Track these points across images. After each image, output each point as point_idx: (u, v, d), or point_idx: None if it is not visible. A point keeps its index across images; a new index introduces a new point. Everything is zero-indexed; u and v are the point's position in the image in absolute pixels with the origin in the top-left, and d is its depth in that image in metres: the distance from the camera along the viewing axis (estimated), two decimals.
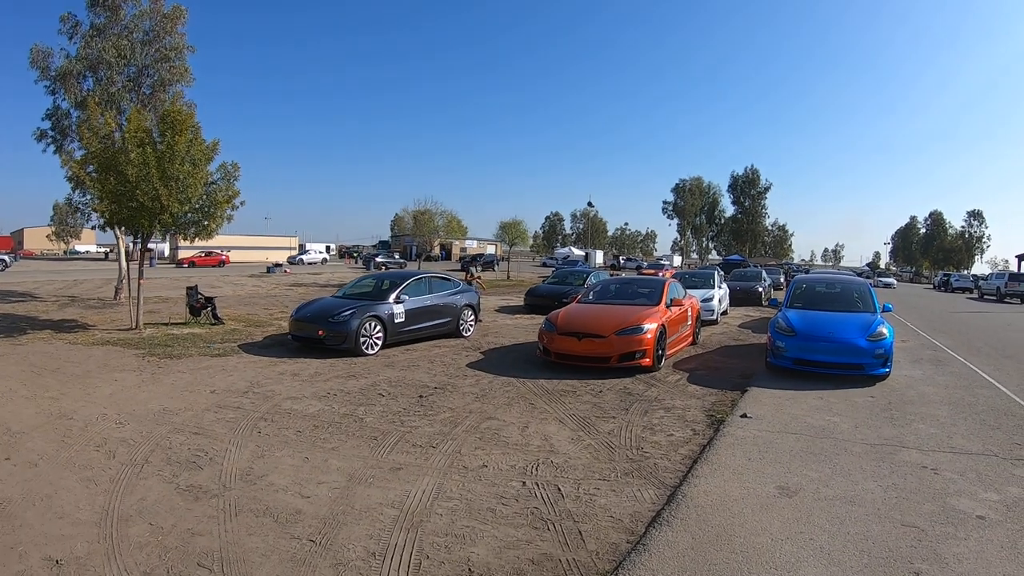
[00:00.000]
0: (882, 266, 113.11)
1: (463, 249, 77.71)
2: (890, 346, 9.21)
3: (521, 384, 8.97)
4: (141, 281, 13.75)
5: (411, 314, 11.86)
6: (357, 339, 10.58)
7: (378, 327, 11.05)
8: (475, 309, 14.33)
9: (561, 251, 78.33)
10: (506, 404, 7.74)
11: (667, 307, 11.33)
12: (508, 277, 40.75)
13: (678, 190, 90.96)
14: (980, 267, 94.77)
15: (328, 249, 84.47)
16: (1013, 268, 56.64)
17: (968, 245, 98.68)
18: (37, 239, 72.64)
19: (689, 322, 12.60)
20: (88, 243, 75.15)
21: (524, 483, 5.12)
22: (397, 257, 58.52)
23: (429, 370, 9.84)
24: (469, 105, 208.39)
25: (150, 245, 58.19)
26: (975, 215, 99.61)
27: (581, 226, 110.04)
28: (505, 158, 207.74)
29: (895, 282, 58.99)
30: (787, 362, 9.58)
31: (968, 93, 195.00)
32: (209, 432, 6.37)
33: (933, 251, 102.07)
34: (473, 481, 5.16)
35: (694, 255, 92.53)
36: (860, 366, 9.11)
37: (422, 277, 13.30)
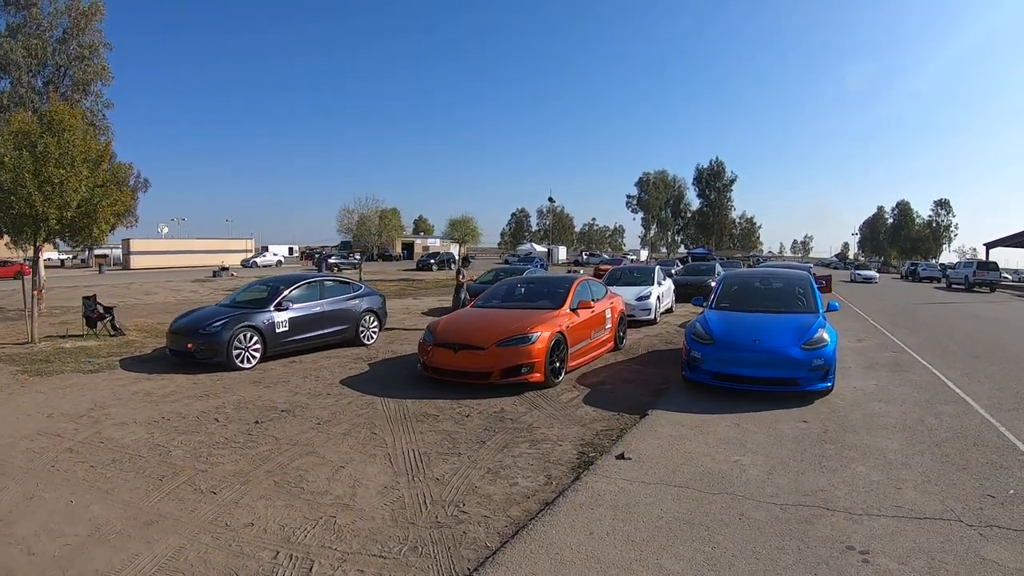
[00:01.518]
0: (851, 256, 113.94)
1: (425, 248, 75.56)
2: (832, 355, 7.40)
3: (383, 405, 7.55)
4: (36, 292, 12.75)
5: (297, 323, 10.62)
6: (229, 351, 9.48)
7: (255, 338, 9.89)
8: (379, 315, 12.74)
9: (523, 247, 76.64)
10: (343, 434, 6.44)
11: (572, 311, 9.45)
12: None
13: (642, 184, 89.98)
14: (948, 256, 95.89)
15: (291, 251, 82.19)
16: (981, 256, 56.18)
17: (936, 234, 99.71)
18: None
19: (608, 326, 10.73)
20: (49, 250, 70.79)
21: (277, 554, 3.98)
22: (358, 257, 56.59)
23: (294, 388, 8.52)
24: (431, 99, 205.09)
25: (104, 251, 54.63)
26: (942, 204, 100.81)
27: (547, 222, 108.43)
28: (464, 153, 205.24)
29: (878, 276, 48.61)
30: (704, 376, 7.72)
31: (938, 83, 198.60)
32: (5, 465, 5.63)
33: (901, 241, 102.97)
34: (220, 546, 4.08)
35: (664, 250, 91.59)
36: (794, 381, 7.28)
37: (312, 282, 11.73)
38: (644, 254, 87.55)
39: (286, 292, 10.84)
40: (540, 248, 75.95)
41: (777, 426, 6.37)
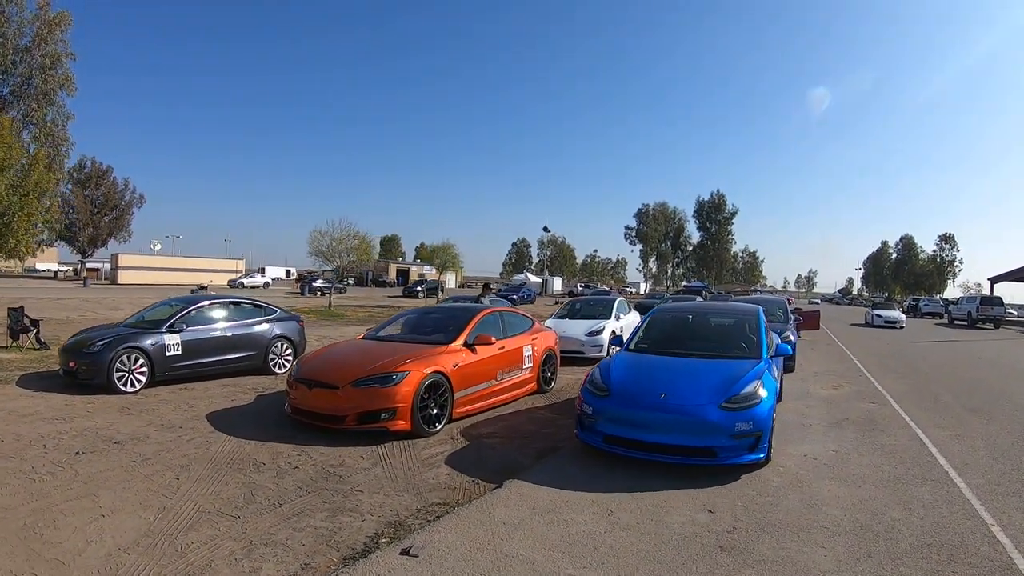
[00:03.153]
0: (855, 292, 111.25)
1: (420, 275, 74.11)
2: (766, 417, 5.46)
3: (220, 446, 6.26)
4: None
5: (192, 347, 9.50)
6: (110, 373, 8.52)
7: (140, 360, 8.87)
8: (293, 342, 11.23)
9: (518, 277, 74.78)
10: (147, 476, 5.41)
11: (468, 346, 7.58)
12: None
13: (640, 215, 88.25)
14: (952, 291, 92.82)
15: (288, 274, 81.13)
16: (986, 291, 53.41)
17: (940, 269, 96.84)
18: None
19: (527, 365, 8.83)
20: (50, 261, 70.89)
21: None
22: (342, 284, 55.22)
23: (154, 417, 7.40)
24: (436, 124, 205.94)
25: (96, 265, 53.37)
26: (946, 239, 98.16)
27: (546, 253, 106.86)
28: (466, 180, 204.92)
29: (903, 318, 33.16)
30: (595, 439, 5.78)
31: (941, 119, 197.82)
32: None
33: (904, 275, 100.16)
34: None
35: (667, 283, 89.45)
36: (709, 451, 5.33)
37: (216, 303, 10.41)
38: (644, 287, 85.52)
39: (182, 313, 9.65)
40: (535, 278, 74.21)
41: (666, 517, 4.45)
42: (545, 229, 61.02)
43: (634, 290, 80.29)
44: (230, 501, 4.80)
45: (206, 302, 10.34)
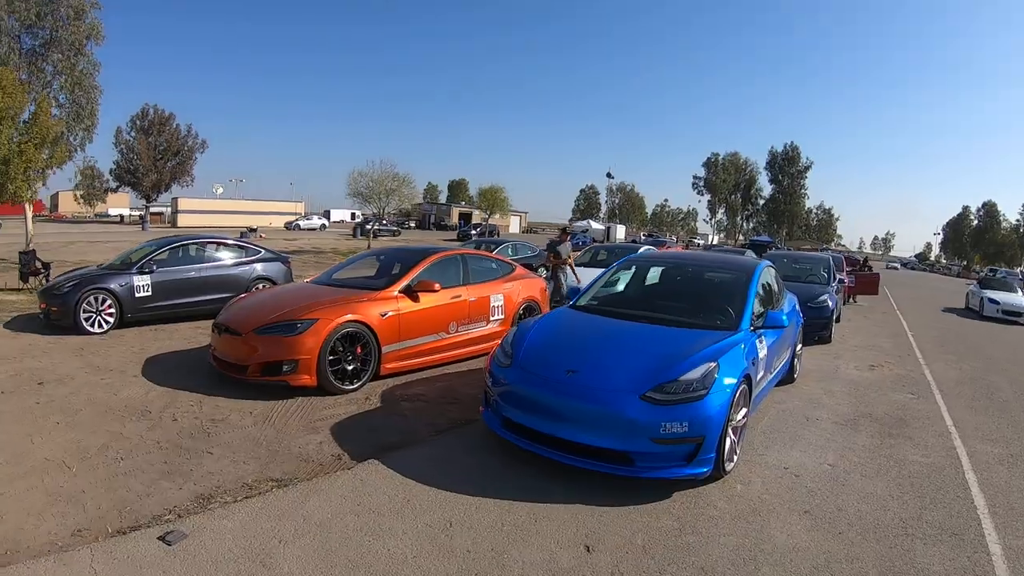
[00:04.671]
0: (932, 257, 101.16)
1: (484, 219, 72.78)
2: (710, 417, 3.77)
3: (129, 391, 5.59)
4: None
5: (163, 287, 8.90)
6: (76, 315, 8.06)
7: (108, 301, 8.36)
8: (276, 283, 10.26)
9: (579, 224, 71.88)
10: (35, 419, 4.80)
11: (407, 293, 6.22)
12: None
13: (710, 164, 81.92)
14: None
15: (353, 217, 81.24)
16: None
17: (1023, 240, 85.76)
18: (69, 202, 69.03)
19: (496, 317, 7.43)
20: (121, 206, 71.09)
21: None
22: (410, 225, 54.62)
23: (102, 359, 6.74)
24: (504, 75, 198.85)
25: (160, 209, 54.81)
26: None
27: (614, 200, 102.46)
28: (536, 127, 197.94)
29: None
30: (495, 421, 4.33)
31: None
32: None
33: (985, 244, 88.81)
34: None
35: (741, 237, 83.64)
36: (624, 457, 3.75)
37: (193, 243, 9.75)
38: (714, 239, 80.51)
39: (153, 254, 9.05)
40: (598, 226, 71.27)
41: (514, 549, 3.10)
42: (608, 175, 57.72)
43: (702, 242, 75.82)
44: (81, 451, 4.22)
45: (182, 242, 9.74)
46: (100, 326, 8.23)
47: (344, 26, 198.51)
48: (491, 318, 7.33)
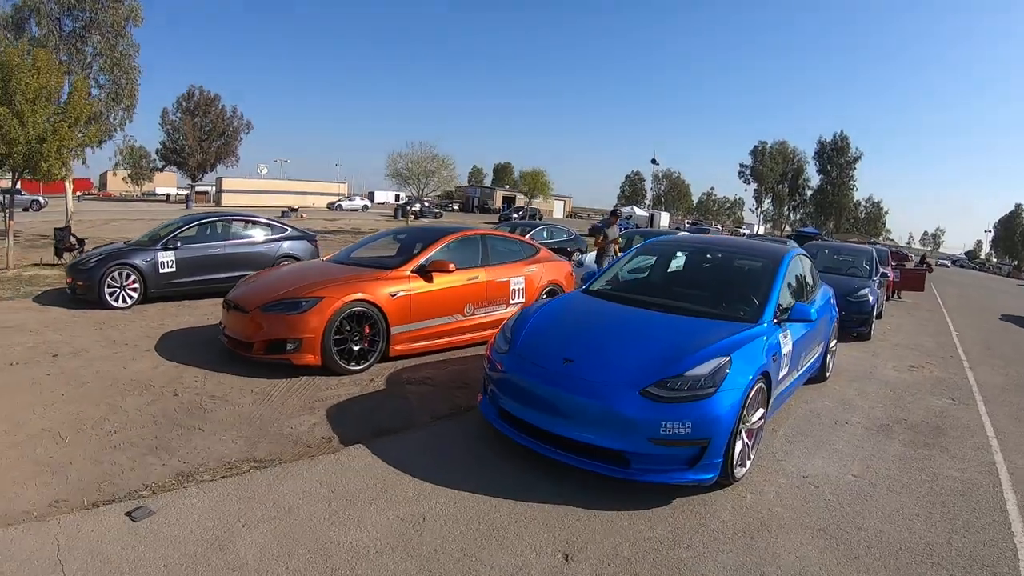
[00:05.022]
0: (982, 256, 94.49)
1: (527, 203, 71.88)
2: (718, 418, 3.30)
3: (137, 364, 5.47)
4: (11, 223, 12.35)
5: (188, 264, 8.76)
6: (101, 289, 7.98)
7: (132, 277, 8.26)
8: (301, 260, 10.09)
9: (623, 210, 70.13)
10: (43, 390, 4.68)
11: (419, 273, 5.91)
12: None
13: (757, 152, 78.06)
14: None
15: (397, 199, 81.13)
16: None
17: None
18: (117, 182, 69.72)
19: (517, 300, 7.05)
20: (168, 185, 70.68)
21: None
22: (454, 208, 53.95)
23: (116, 333, 6.61)
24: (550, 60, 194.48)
25: (205, 188, 54.43)
26: None
27: (659, 187, 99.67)
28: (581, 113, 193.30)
29: None
30: (491, 411, 3.96)
31: None
32: None
33: None
34: None
35: (788, 227, 79.99)
36: (619, 457, 3.34)
37: (218, 220, 9.65)
38: (760, 229, 77.27)
39: (179, 231, 8.91)
40: (642, 213, 69.47)
41: (483, 552, 2.76)
42: (653, 161, 55.78)
43: (747, 231, 72.87)
44: (78, 423, 4.08)
45: (208, 219, 9.61)
46: (124, 301, 8.18)
47: (391, 7, 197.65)
48: (511, 301, 6.96)
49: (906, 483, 3.88)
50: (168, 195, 59.26)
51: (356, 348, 5.34)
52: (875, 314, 9.16)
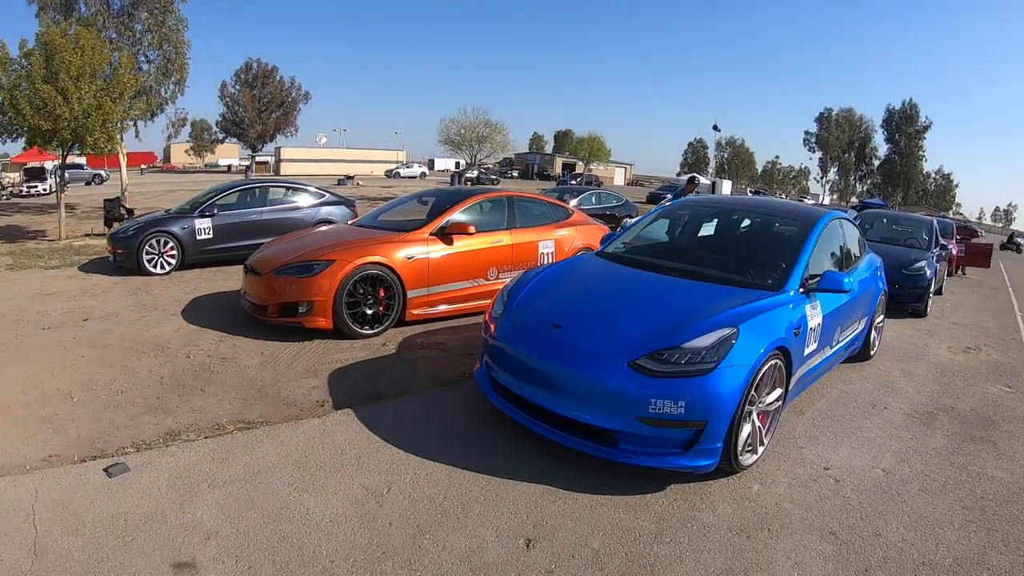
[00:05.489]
0: None
1: (589, 170, 69.57)
2: (717, 397, 2.78)
3: (160, 328, 5.35)
4: (62, 195, 12.27)
5: (224, 230, 8.56)
6: (139, 256, 7.87)
7: (170, 244, 8.13)
8: None
9: (684, 178, 66.89)
10: (67, 351, 4.64)
11: (439, 235, 5.56)
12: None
13: (822, 120, 72.04)
14: None
15: (457, 166, 79.66)
16: None
17: None
18: (180, 154, 67.09)
19: (543, 264, 6.56)
20: (231, 156, 66.43)
21: None
22: (512, 174, 52.48)
23: (149, 299, 6.52)
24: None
25: (265, 159, 53.02)
26: None
27: (726, 155, 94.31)
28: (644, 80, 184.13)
29: None
30: (486, 382, 3.57)
31: None
32: None
33: None
34: None
35: (854, 198, 74.12)
36: (607, 436, 2.88)
37: (255, 187, 9.42)
38: (826, 199, 72.08)
39: (215, 198, 8.73)
40: (704, 181, 65.99)
41: (438, 530, 2.44)
42: (715, 127, 52.41)
43: (812, 202, 68.16)
44: (90, 383, 3.98)
45: (245, 187, 9.33)
46: (162, 267, 8.09)
47: None
48: (540, 265, 6.50)
49: (943, 483, 3.23)
50: (230, 166, 57.31)
51: (370, 312, 5.09)
52: (933, 289, 8.08)
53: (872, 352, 5.48)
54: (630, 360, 2.84)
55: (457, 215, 5.82)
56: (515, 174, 63.91)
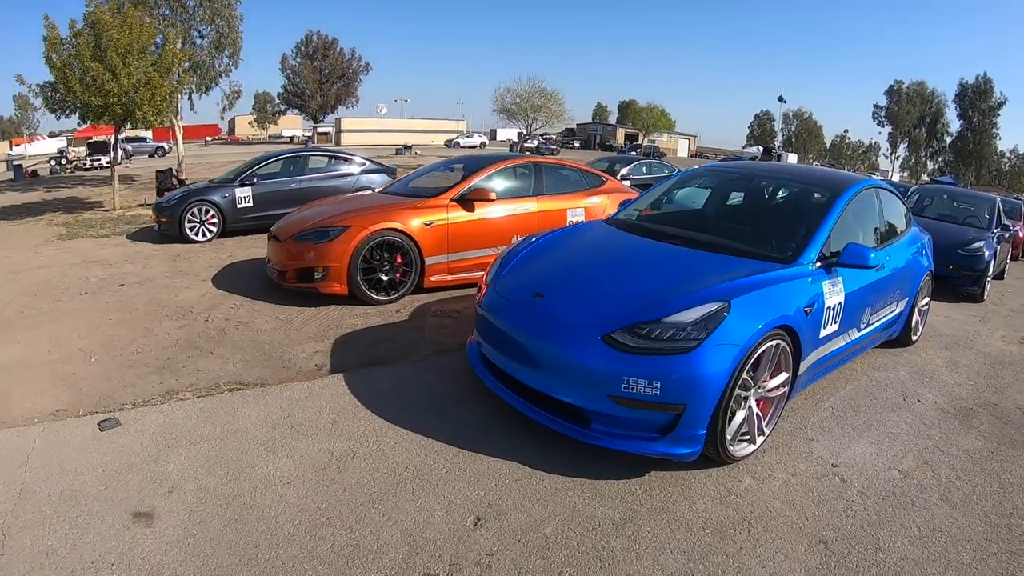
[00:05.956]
0: None
1: (651, 141, 66.09)
2: (700, 378, 2.36)
3: (188, 293, 5.30)
4: (116, 168, 12.52)
5: (264, 198, 8.34)
6: (181, 225, 7.82)
7: (211, 212, 8.02)
8: None
9: (749, 150, 62.69)
10: (97, 314, 4.66)
11: (459, 202, 5.29)
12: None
13: (892, 93, 64.94)
14: None
15: (519, 135, 77.01)
16: None
17: None
18: (244, 126, 64.95)
19: None
20: (294, 127, 63.28)
21: None
22: (575, 144, 49.36)
23: (185, 265, 6.46)
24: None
25: (326, 129, 49.85)
26: None
27: (793, 128, 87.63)
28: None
29: None
30: (475, 354, 3.28)
31: None
32: None
33: None
34: None
35: (925, 176, 67.34)
36: (579, 415, 2.55)
37: (295, 156, 9.21)
38: (896, 176, 65.93)
39: (257, 167, 8.57)
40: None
41: (391, 499, 2.25)
42: (780, 99, 48.75)
43: (881, 177, 62.28)
44: (111, 344, 3.98)
45: (286, 156, 9.05)
46: (204, 235, 7.99)
47: None
48: None
49: (968, 492, 2.70)
50: (292, 137, 54.38)
51: (385, 278, 4.91)
52: (992, 273, 7.02)
53: (914, 337, 4.79)
54: (604, 333, 2.48)
55: (479, 181, 5.49)
56: (577, 144, 61.25)
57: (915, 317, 4.66)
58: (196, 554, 2.02)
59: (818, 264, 3.06)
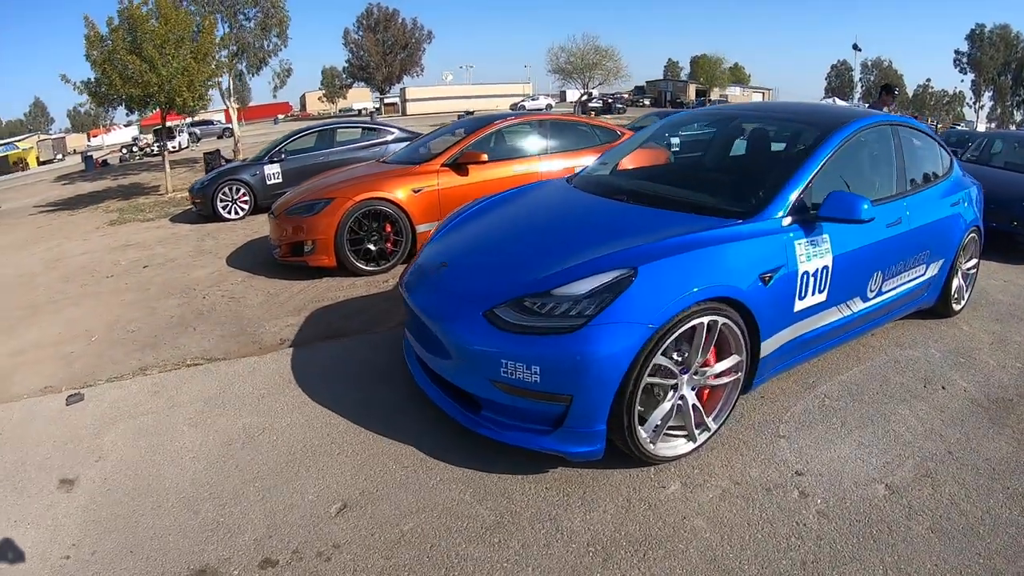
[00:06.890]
0: None
1: (722, 97, 58.96)
2: (592, 364, 1.73)
3: (201, 271, 5.06)
4: (166, 152, 12.23)
5: (293, 174, 7.74)
6: (214, 204, 7.46)
7: (242, 191, 7.60)
8: None
9: (826, 101, 54.76)
10: (114, 294, 4.54)
11: (452, 166, 4.80)
12: None
13: (974, 38, 52.87)
14: None
15: (589, 96, 69.39)
16: None
17: None
18: (315, 101, 60.68)
19: None
20: (364, 100, 56.90)
21: None
22: (644, 103, 43.88)
23: (210, 244, 6.18)
24: None
25: (393, 100, 45.15)
26: None
27: (872, 77, 75.75)
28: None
29: None
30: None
31: None
32: None
33: None
34: None
35: (1012, 126, 55.39)
36: (471, 400, 2.03)
37: (323, 129, 8.42)
38: (981, 127, 55.26)
39: (284, 143, 8.04)
40: (841, 103, 53.59)
41: (257, 482, 1.90)
42: (855, 47, 41.45)
43: (964, 128, 52.32)
44: (114, 323, 3.85)
45: (313, 130, 8.35)
46: (236, 213, 7.58)
47: None
48: None
49: (972, 522, 1.87)
50: (361, 110, 50.57)
51: (374, 248, 4.54)
52: None
53: (956, 307, 3.66)
54: (487, 308, 1.94)
55: (473, 144, 4.89)
56: (647, 102, 55.42)
57: (956, 282, 3.54)
58: (92, 518, 1.92)
59: (790, 219, 2.24)
